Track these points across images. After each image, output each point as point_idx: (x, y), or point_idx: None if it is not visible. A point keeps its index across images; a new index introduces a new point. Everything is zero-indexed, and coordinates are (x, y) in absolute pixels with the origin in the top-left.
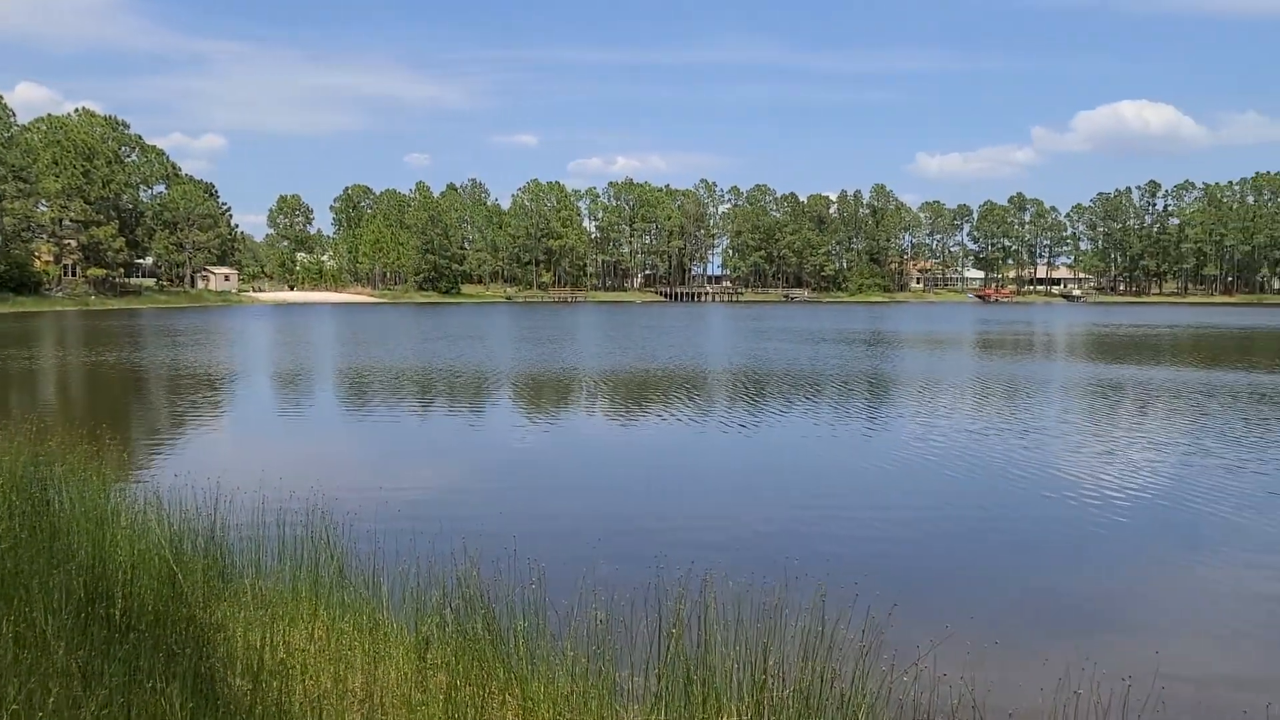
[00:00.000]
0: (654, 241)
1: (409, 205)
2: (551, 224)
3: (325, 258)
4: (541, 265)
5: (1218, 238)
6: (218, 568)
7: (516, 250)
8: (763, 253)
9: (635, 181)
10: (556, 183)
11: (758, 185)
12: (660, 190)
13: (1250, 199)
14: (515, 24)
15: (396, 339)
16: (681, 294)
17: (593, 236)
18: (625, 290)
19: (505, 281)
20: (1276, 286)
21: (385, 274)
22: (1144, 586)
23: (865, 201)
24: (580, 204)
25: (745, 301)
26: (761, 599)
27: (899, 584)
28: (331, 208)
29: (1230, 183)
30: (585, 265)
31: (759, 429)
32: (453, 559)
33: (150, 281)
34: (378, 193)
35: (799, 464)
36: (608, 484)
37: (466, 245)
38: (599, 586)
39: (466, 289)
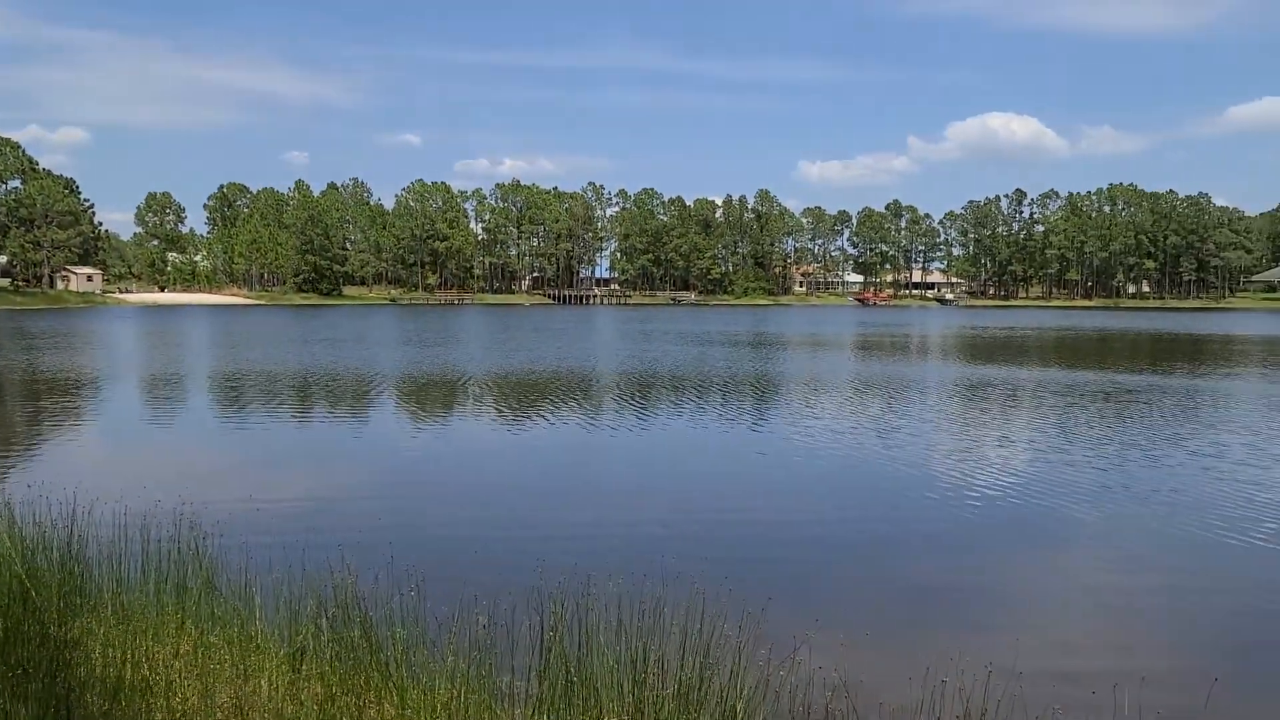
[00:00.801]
0: (542, 244)
1: (288, 204)
2: (437, 225)
3: (198, 258)
4: (427, 267)
5: (1078, 244)
6: (74, 582)
7: (401, 251)
8: (650, 256)
9: (523, 183)
10: (442, 183)
11: (645, 189)
12: (548, 192)
13: (1106, 208)
14: (399, 21)
15: (273, 342)
16: (569, 297)
17: (480, 238)
18: (513, 293)
19: (389, 283)
20: (1131, 291)
21: (263, 275)
22: (1005, 579)
23: (750, 206)
24: (467, 205)
25: (633, 304)
26: (642, 599)
27: (774, 580)
28: (205, 206)
29: (1089, 192)
30: (472, 267)
31: (644, 432)
32: (329, 568)
33: (5, 281)
34: (254, 191)
35: (681, 466)
36: (490, 489)
37: (349, 246)
38: (480, 592)
39: (349, 291)
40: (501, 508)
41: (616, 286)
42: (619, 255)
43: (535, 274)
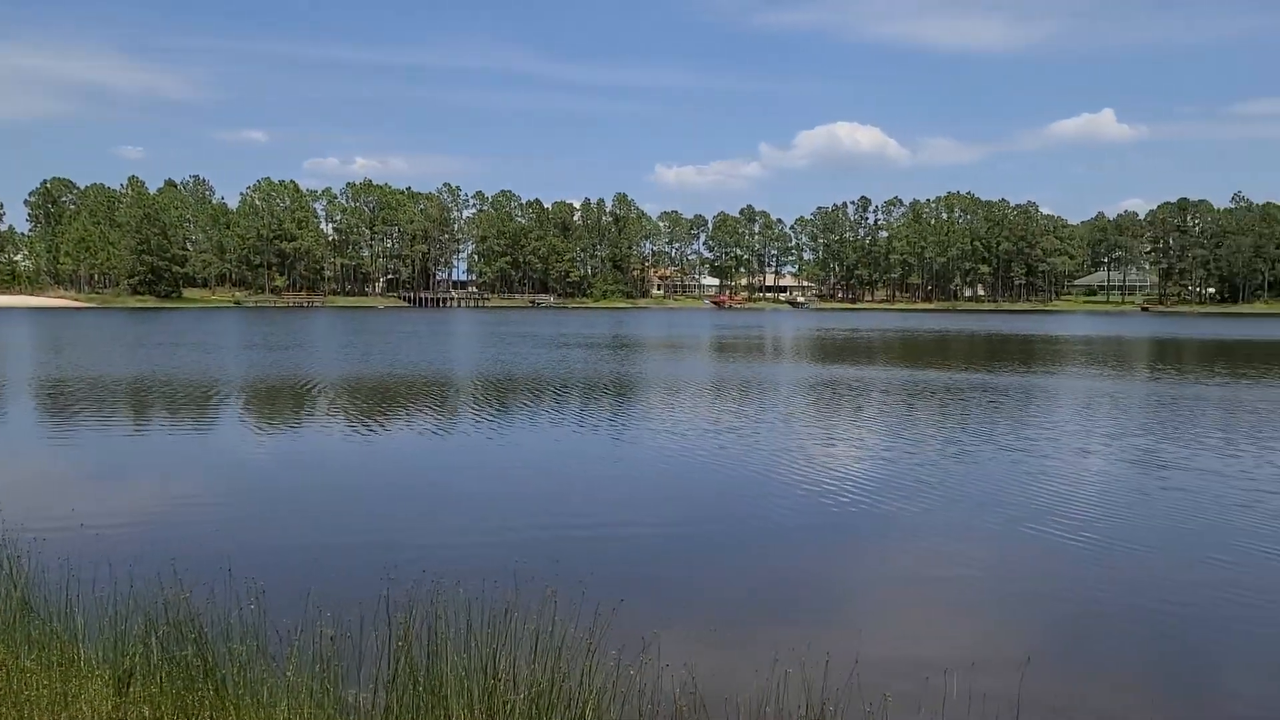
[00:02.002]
0: (396, 245)
1: (120, 202)
2: (285, 225)
3: (19, 258)
4: (274, 269)
5: (919, 250)
6: None
7: (246, 252)
8: (509, 258)
9: (375, 183)
10: (290, 182)
11: (503, 191)
12: (402, 193)
13: (945, 215)
14: (242, 11)
15: (104, 347)
16: (426, 299)
17: (331, 239)
18: (366, 295)
19: (234, 285)
20: (967, 294)
21: (93, 276)
22: (844, 573)
23: (608, 210)
24: (317, 205)
25: (492, 307)
26: (492, 604)
27: (625, 580)
28: (26, 202)
29: (929, 200)
30: (323, 269)
31: (499, 436)
32: (159, 583)
33: None
34: (83, 187)
35: (536, 470)
36: (339, 497)
37: (189, 246)
38: (325, 603)
39: (189, 293)
40: (350, 516)
41: (474, 289)
42: (476, 258)
43: (390, 276)
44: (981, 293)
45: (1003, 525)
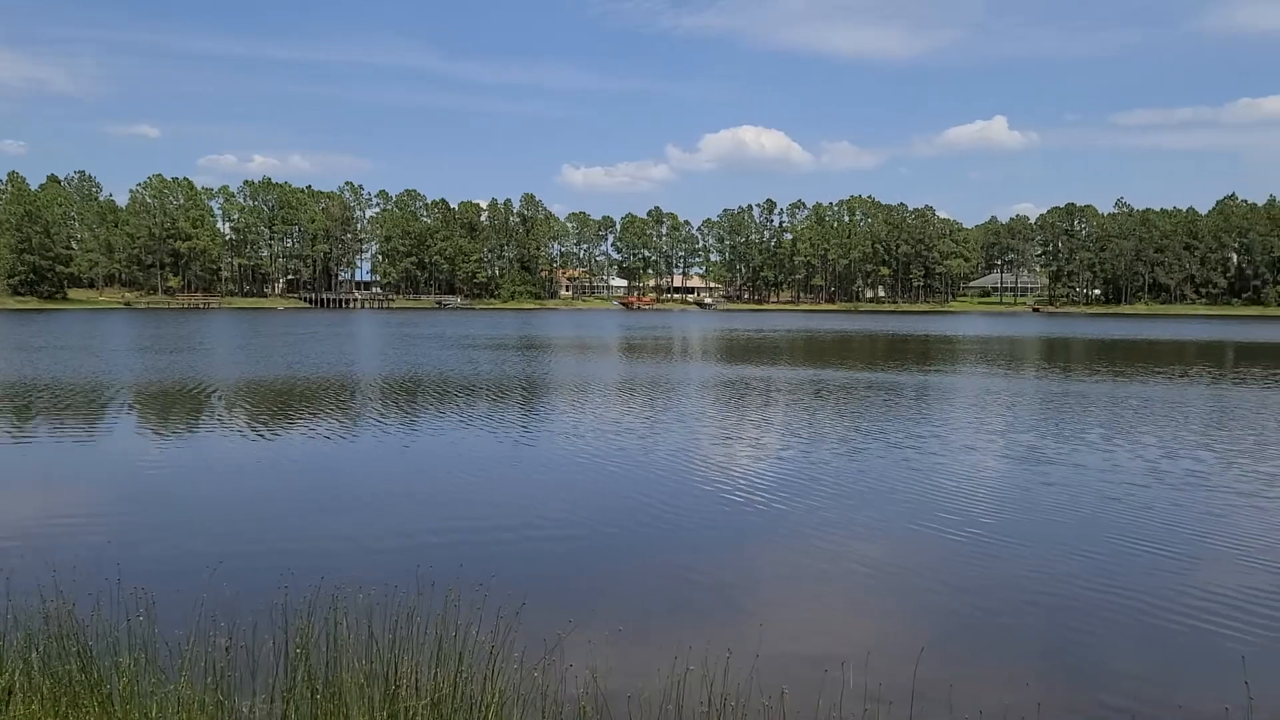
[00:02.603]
0: (297, 245)
1: None
2: (179, 224)
3: None
4: (168, 269)
5: (823, 252)
6: None
7: (137, 252)
8: (414, 259)
9: (275, 181)
10: (184, 179)
11: (408, 190)
12: (302, 191)
13: (846, 218)
14: (133, 1)
15: None
16: (328, 300)
17: (228, 238)
18: (266, 296)
19: (124, 286)
20: (869, 295)
21: None
22: (745, 570)
23: (516, 210)
24: (213, 203)
25: (397, 308)
26: (394, 609)
27: (528, 582)
28: None
29: (831, 204)
30: (219, 269)
31: (403, 439)
32: (40, 596)
33: None
34: None
35: (440, 473)
36: (234, 503)
37: (75, 245)
38: (219, 612)
39: (75, 294)
40: (247, 523)
41: (378, 290)
42: (380, 258)
43: (290, 277)
44: (882, 294)
45: (895, 521)
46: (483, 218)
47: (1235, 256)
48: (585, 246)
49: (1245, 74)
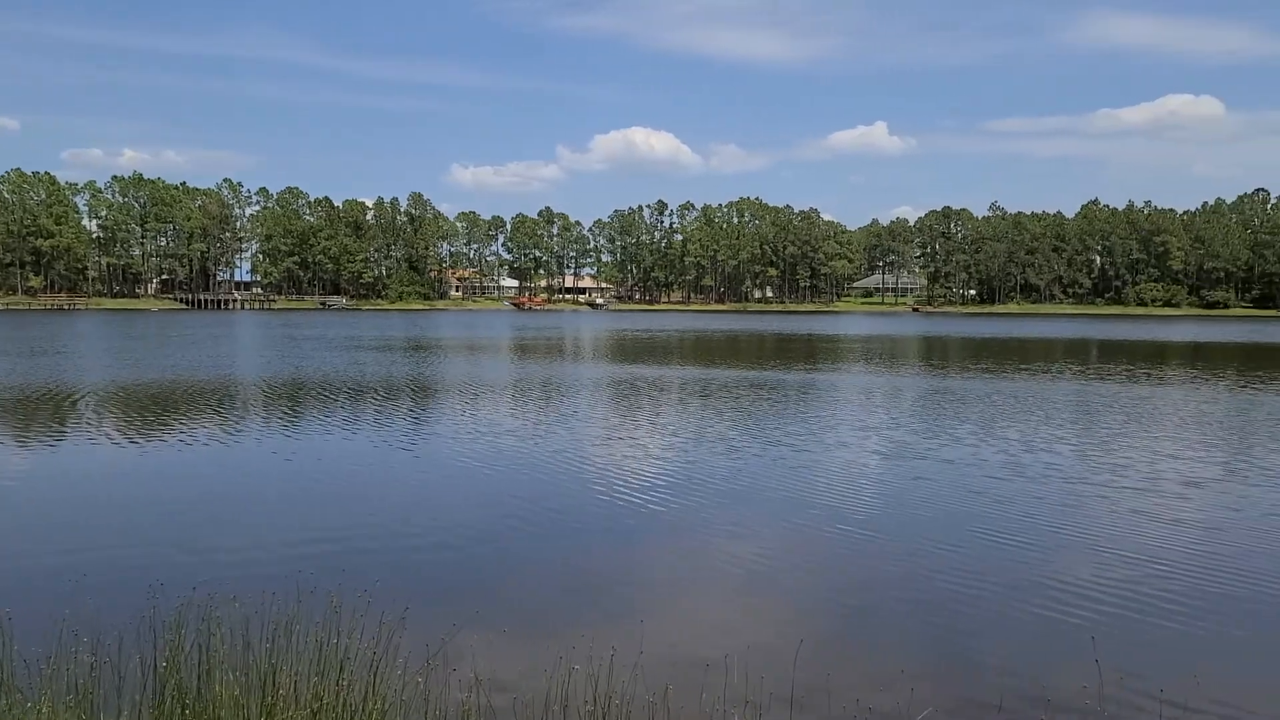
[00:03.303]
0: (171, 244)
1: None
2: (40, 220)
3: None
4: (29, 268)
5: (712, 253)
6: None
7: None
8: (297, 258)
9: (147, 177)
10: (46, 174)
11: (289, 188)
12: (177, 188)
13: (735, 220)
14: None
15: None
16: (206, 301)
17: (95, 236)
18: (138, 297)
19: None
20: (757, 296)
21: None
22: (633, 569)
23: (403, 209)
24: (78, 199)
25: (279, 309)
26: (272, 618)
27: (413, 587)
28: None
29: (720, 205)
30: (85, 268)
31: (283, 442)
32: None
33: None
34: None
35: (320, 476)
36: (98, 513)
37: None
38: (82, 628)
39: None
40: (112, 533)
41: (259, 290)
42: (261, 257)
43: (165, 277)
44: (770, 294)
45: (773, 519)
46: (369, 216)
47: (1098, 258)
48: (475, 246)
49: (1106, 86)
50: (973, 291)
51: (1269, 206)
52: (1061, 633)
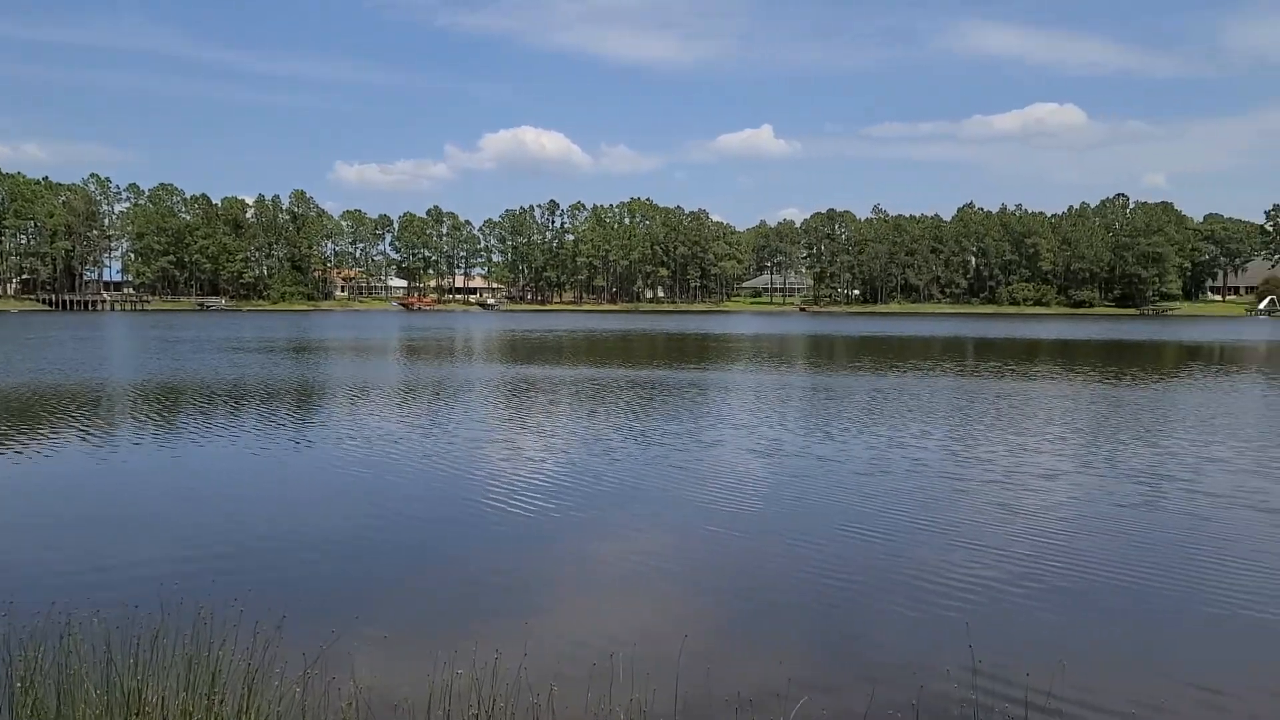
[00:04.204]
0: (33, 242)
1: None
2: None
3: None
4: None
5: (604, 253)
6: None
7: None
8: (172, 258)
9: (4, 172)
10: None
11: (162, 184)
12: (39, 183)
13: (626, 220)
14: None
15: None
16: (72, 302)
17: None
18: None
19: None
20: (649, 296)
21: None
22: (517, 571)
23: (285, 207)
24: None
25: (153, 310)
26: (136, 632)
27: (289, 594)
28: None
29: (611, 205)
30: None
31: (150, 448)
32: None
33: None
34: None
35: (194, 483)
36: None
37: None
38: None
39: None
40: None
41: (131, 290)
42: (133, 257)
43: (26, 276)
44: (661, 294)
45: (656, 516)
46: (249, 215)
47: (974, 259)
48: (362, 246)
49: (979, 94)
50: (857, 291)
51: (1128, 211)
52: (935, 621)
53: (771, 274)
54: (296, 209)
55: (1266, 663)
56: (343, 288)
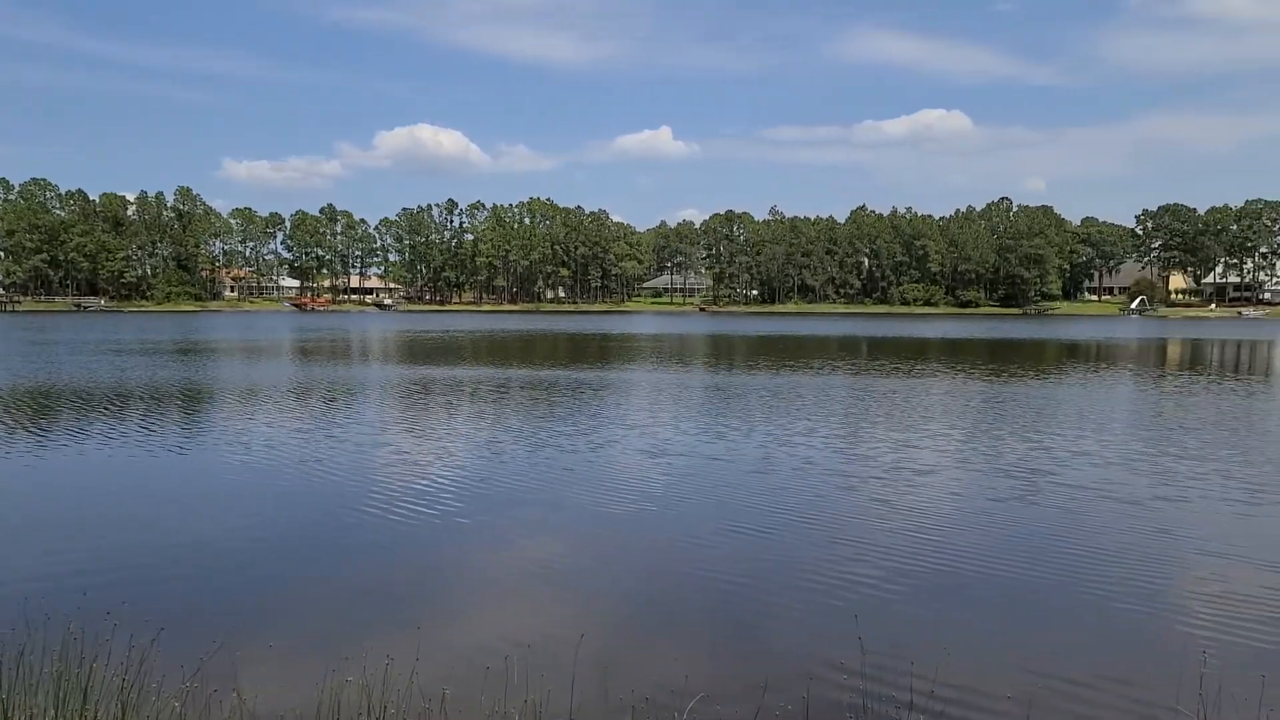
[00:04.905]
0: None
1: None
2: None
3: None
4: None
5: (504, 253)
6: None
7: None
8: (45, 256)
9: None
10: None
11: (34, 179)
12: None
13: (526, 220)
14: None
15: None
16: None
17: None
18: None
19: None
20: (550, 296)
21: None
22: (407, 576)
23: (169, 205)
24: None
25: (25, 311)
26: (0, 649)
27: (167, 606)
28: None
29: (511, 205)
30: None
31: (19, 456)
32: None
33: None
34: None
35: (66, 491)
36: None
37: None
38: None
39: None
40: None
41: (1, 291)
42: (3, 256)
43: None
44: (563, 294)
45: (551, 517)
46: (130, 212)
47: (867, 261)
48: (252, 245)
49: (870, 99)
50: (755, 291)
51: (1011, 214)
52: (824, 615)
53: (672, 274)
54: (182, 206)
55: (1128, 651)
56: (232, 288)
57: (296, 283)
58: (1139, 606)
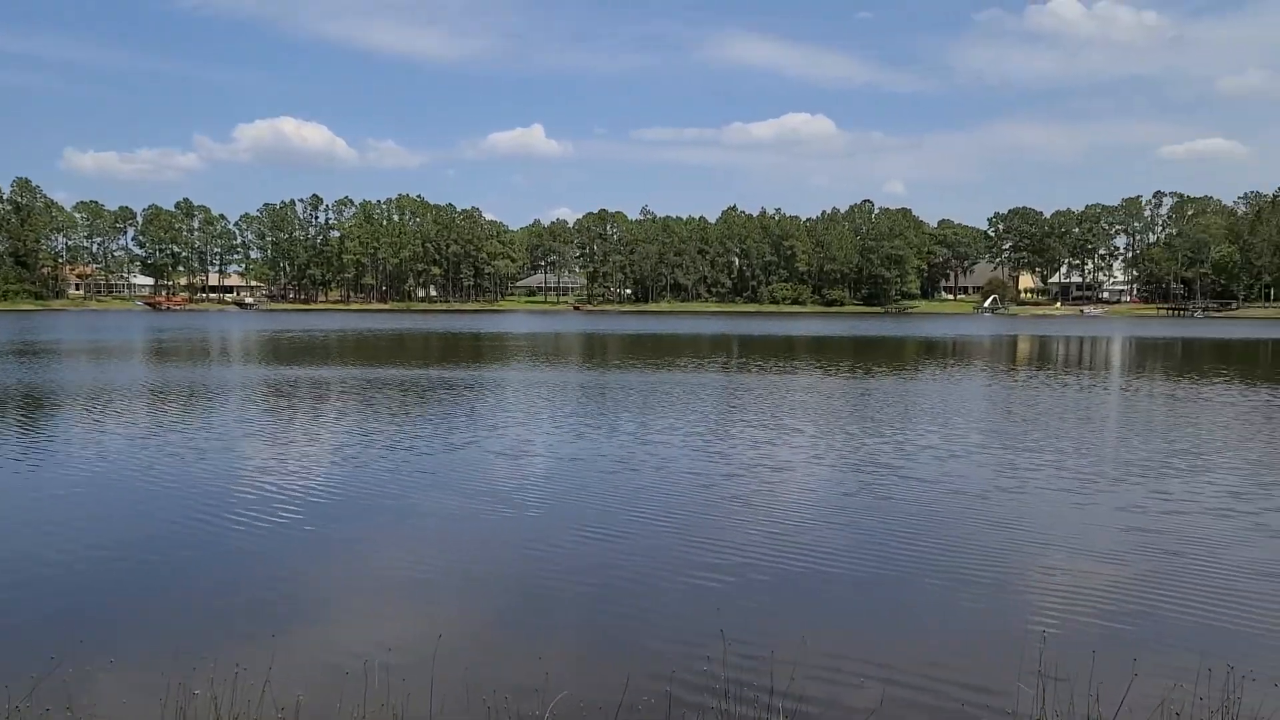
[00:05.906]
0: None
1: None
2: None
3: None
4: None
5: (373, 250)
6: None
7: None
8: None
9: None
10: None
11: None
12: None
13: (396, 217)
14: None
15: None
16: None
17: None
18: None
19: None
20: (421, 295)
21: None
22: (262, 584)
23: (5, 197)
24: None
25: None
26: None
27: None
28: None
29: (380, 201)
30: None
31: None
32: None
33: None
34: None
35: None
36: None
37: None
38: None
39: None
40: None
41: None
42: None
43: None
44: (434, 293)
45: (409, 522)
46: None
47: (737, 260)
48: (99, 240)
49: (738, 102)
50: (629, 290)
51: (873, 216)
52: (687, 609)
53: (546, 273)
54: (20, 199)
55: (973, 636)
56: (77, 285)
57: (150, 281)
58: (981, 594)
